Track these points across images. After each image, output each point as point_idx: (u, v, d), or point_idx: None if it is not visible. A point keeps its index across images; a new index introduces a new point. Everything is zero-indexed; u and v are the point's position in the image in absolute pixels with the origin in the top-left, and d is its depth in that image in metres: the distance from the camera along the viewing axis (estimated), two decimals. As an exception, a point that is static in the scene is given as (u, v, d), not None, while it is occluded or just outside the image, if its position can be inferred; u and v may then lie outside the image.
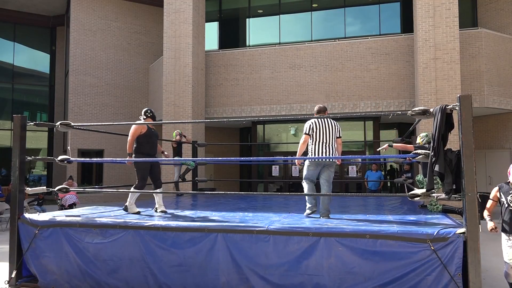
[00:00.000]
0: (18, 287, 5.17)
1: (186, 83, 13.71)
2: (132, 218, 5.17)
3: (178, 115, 13.63)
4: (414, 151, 4.80)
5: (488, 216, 4.72)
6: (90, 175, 17.69)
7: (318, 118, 5.27)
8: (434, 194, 4.42)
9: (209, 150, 16.40)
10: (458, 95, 4.15)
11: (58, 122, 5.65)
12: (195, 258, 4.55)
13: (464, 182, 4.02)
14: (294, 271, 4.25)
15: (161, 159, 6.58)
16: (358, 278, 4.10)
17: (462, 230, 3.95)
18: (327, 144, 5.20)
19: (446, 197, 4.32)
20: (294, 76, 14.02)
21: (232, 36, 16.80)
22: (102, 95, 17.49)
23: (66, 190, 5.65)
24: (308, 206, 5.28)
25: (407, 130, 7.93)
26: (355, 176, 14.23)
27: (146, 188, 5.78)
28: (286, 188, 15.38)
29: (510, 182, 4.64)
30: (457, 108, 4.13)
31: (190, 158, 6.98)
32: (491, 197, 4.79)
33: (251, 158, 6.79)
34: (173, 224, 4.77)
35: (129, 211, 5.68)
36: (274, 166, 14.96)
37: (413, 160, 5.98)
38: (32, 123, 5.54)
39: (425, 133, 6.32)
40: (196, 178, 9.90)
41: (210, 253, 4.50)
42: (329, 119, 5.28)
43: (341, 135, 5.36)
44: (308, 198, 5.31)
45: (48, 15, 20.58)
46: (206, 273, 4.51)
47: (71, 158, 5.74)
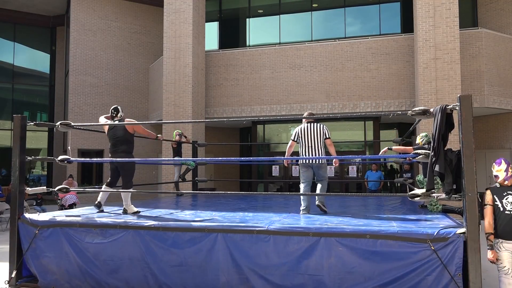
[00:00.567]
0: (18, 287, 5.17)
1: (186, 83, 13.71)
2: (132, 218, 5.17)
3: (178, 115, 13.63)
4: (414, 151, 4.79)
5: (489, 238, 4.16)
6: (90, 175, 17.69)
7: (305, 124, 5.60)
8: (434, 194, 4.42)
9: (209, 150, 16.40)
10: (458, 95, 4.15)
11: (58, 122, 5.65)
12: (195, 258, 4.54)
13: (464, 182, 4.02)
14: (294, 271, 4.25)
15: (161, 159, 6.58)
16: (358, 278, 4.10)
17: (462, 230, 3.95)
18: (313, 148, 5.51)
19: (446, 197, 4.32)
20: (294, 76, 14.02)
21: (232, 36, 16.80)
22: (102, 95, 17.49)
23: (66, 190, 5.65)
24: (302, 207, 5.55)
25: (407, 130, 7.93)
26: (355, 176, 14.23)
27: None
28: (286, 188, 15.38)
29: (500, 184, 4.29)
30: (457, 108, 4.13)
31: (190, 158, 6.97)
32: (487, 201, 4.28)
33: (251, 158, 6.80)
34: (173, 224, 4.77)
35: (129, 212, 5.66)
36: (274, 166, 14.96)
37: (413, 160, 5.98)
38: (32, 123, 5.54)
39: (424, 133, 6.31)
40: (196, 178, 9.90)
41: (210, 253, 4.50)
42: (314, 124, 5.57)
43: (328, 136, 5.59)
44: (302, 199, 5.57)
45: (48, 15, 20.58)
46: (206, 273, 4.51)
47: (71, 158, 5.74)
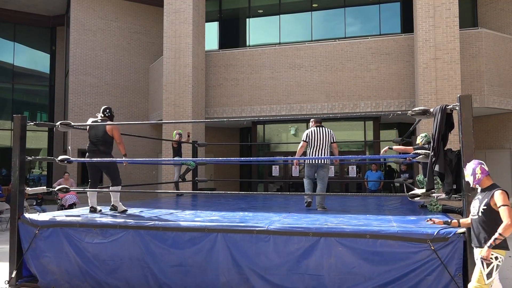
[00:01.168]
0: (18, 287, 5.18)
1: (186, 83, 13.71)
2: (132, 218, 5.17)
3: (178, 115, 13.62)
4: (414, 151, 4.80)
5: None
6: (90, 175, 17.67)
7: (315, 127, 6.36)
8: (434, 194, 4.42)
9: (209, 150, 16.39)
10: (458, 95, 4.15)
11: (58, 122, 5.66)
12: (195, 258, 4.55)
13: (464, 182, 4.02)
14: (294, 271, 4.25)
15: (161, 159, 6.60)
16: (358, 278, 4.10)
17: (462, 230, 3.95)
18: (320, 149, 6.28)
19: (446, 197, 4.32)
20: (294, 76, 14.02)
21: (232, 36, 16.79)
22: (102, 95, 17.48)
23: (66, 190, 5.66)
24: (306, 199, 6.46)
25: (407, 130, 7.94)
26: (355, 176, 14.23)
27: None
28: (286, 188, 15.37)
29: (477, 189, 3.83)
30: (457, 108, 4.13)
31: (191, 159, 6.99)
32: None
33: (251, 158, 6.87)
34: (173, 224, 4.77)
35: (118, 210, 5.69)
36: (274, 166, 14.95)
37: (413, 160, 5.99)
38: (32, 123, 5.54)
39: (424, 133, 6.32)
40: (196, 178, 9.90)
41: (210, 253, 4.50)
42: (324, 128, 6.37)
43: (335, 141, 6.43)
44: (306, 192, 6.47)
45: (48, 15, 20.57)
46: (206, 273, 4.51)
47: (71, 158, 5.75)
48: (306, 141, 6.36)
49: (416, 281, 3.97)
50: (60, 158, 5.66)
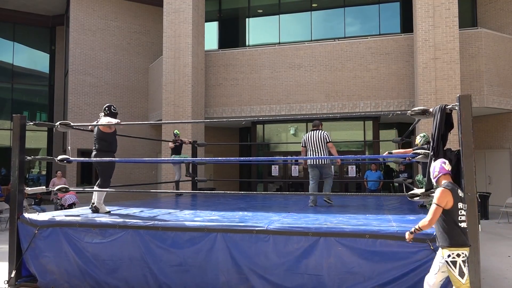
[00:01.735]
0: (18, 287, 5.17)
1: (186, 83, 13.71)
2: (131, 218, 5.16)
3: (178, 115, 13.62)
4: (414, 151, 4.80)
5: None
6: (90, 175, 17.67)
7: (310, 131, 6.86)
8: (433, 194, 4.42)
9: (208, 150, 16.39)
10: (458, 95, 4.15)
11: (58, 122, 5.66)
12: (195, 258, 4.54)
13: (464, 182, 4.02)
14: (294, 271, 4.25)
15: (161, 159, 6.59)
16: (358, 277, 4.11)
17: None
18: (317, 151, 6.76)
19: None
20: (294, 76, 14.02)
21: (231, 36, 16.79)
22: (102, 95, 17.47)
23: (66, 190, 5.66)
24: (310, 200, 6.93)
25: (407, 130, 7.94)
26: (355, 176, 14.23)
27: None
28: (286, 187, 15.37)
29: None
30: (456, 108, 4.13)
31: (191, 158, 7.00)
32: (446, 203, 3.54)
33: (251, 158, 6.90)
34: (172, 224, 4.77)
35: (100, 211, 5.62)
36: (273, 166, 14.96)
37: (412, 160, 5.99)
38: (31, 123, 5.54)
39: (423, 133, 6.33)
40: (196, 178, 9.90)
41: (210, 253, 4.50)
42: (317, 132, 6.83)
43: (330, 140, 6.83)
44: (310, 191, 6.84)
45: (47, 15, 20.56)
46: (206, 273, 4.51)
47: (71, 158, 5.75)
48: (303, 146, 6.96)
49: (415, 280, 3.97)
50: (59, 157, 5.66)
